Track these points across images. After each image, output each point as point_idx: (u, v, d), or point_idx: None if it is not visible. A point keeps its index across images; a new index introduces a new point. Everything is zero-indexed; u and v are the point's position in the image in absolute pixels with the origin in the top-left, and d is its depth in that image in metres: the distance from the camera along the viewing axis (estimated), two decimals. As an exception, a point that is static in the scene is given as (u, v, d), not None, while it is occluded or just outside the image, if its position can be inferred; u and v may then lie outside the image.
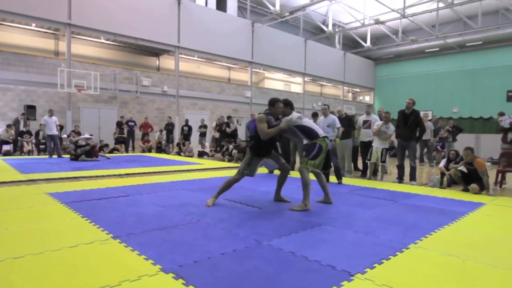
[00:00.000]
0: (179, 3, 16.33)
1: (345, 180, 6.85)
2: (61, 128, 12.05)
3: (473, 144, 13.19)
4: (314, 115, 7.90)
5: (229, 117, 13.39)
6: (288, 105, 4.38)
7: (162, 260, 2.49)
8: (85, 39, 15.89)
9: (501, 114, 8.12)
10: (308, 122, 4.40)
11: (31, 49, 14.42)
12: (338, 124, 6.78)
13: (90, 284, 2.13)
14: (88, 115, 14.49)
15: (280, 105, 4.27)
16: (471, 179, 5.82)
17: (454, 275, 2.37)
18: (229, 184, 4.50)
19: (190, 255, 2.62)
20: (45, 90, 13.30)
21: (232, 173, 7.93)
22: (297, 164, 8.82)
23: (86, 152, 9.95)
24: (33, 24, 14.18)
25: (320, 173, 4.51)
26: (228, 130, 12.60)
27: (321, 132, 4.32)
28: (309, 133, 4.29)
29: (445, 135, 11.02)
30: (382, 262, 2.55)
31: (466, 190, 5.90)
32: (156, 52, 18.34)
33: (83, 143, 10.16)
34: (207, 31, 17.40)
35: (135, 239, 2.96)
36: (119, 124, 13.72)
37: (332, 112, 7.29)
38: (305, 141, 4.43)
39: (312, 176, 4.41)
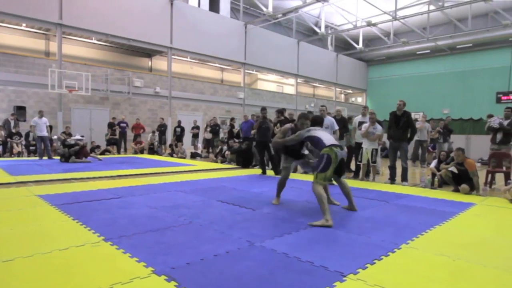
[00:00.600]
0: (171, 4, 16.29)
1: (338, 181, 6.87)
2: (50, 128, 11.90)
3: (464, 145, 13.33)
4: (309, 113, 7.97)
5: (232, 119, 13.48)
6: (315, 122, 4.48)
7: (154, 262, 2.48)
8: (76, 40, 15.74)
9: (490, 116, 8.21)
10: (316, 132, 4.21)
11: (21, 49, 14.24)
12: (336, 126, 6.76)
13: (82, 287, 2.10)
14: (79, 116, 14.34)
15: (304, 122, 4.40)
16: (462, 179, 5.89)
17: (445, 275, 2.39)
18: (282, 183, 4.75)
19: (183, 257, 2.61)
20: (35, 90, 13.14)
21: (225, 174, 7.95)
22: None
23: (76, 153, 9.82)
24: (23, 24, 14.01)
25: (341, 180, 4.36)
26: (234, 130, 12.67)
27: (327, 140, 4.05)
28: (317, 143, 4.08)
29: (436, 136, 11.13)
30: (374, 263, 2.57)
31: (456, 190, 5.97)
32: (149, 53, 18.25)
33: (72, 142, 10.04)
34: (200, 32, 17.38)
35: (127, 241, 2.94)
36: (111, 125, 13.61)
37: (329, 113, 7.29)
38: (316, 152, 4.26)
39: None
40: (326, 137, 4.12)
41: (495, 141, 7.20)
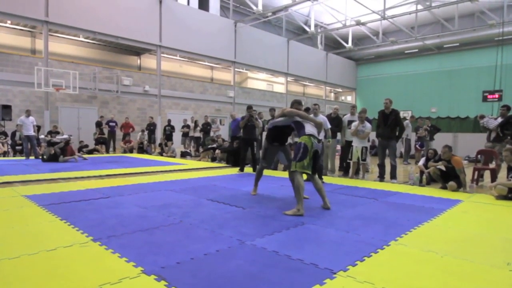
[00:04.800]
0: (160, 2, 16.14)
1: (328, 179, 6.92)
2: (38, 128, 11.70)
3: (451, 143, 13.53)
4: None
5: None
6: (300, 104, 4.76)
7: (143, 262, 2.45)
8: (63, 37, 15.49)
9: (482, 117, 8.33)
10: (304, 121, 4.42)
11: (6, 47, 13.96)
12: (329, 125, 6.81)
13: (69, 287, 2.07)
14: (67, 115, 14.13)
15: (298, 107, 4.64)
16: (449, 177, 5.98)
17: (433, 271, 2.42)
18: (259, 173, 5.22)
19: (173, 256, 2.59)
20: (21, 89, 12.90)
21: (216, 173, 7.93)
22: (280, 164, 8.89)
23: (61, 149, 9.68)
24: (8, 21, 13.73)
25: (314, 176, 4.32)
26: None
27: (308, 130, 4.23)
28: (300, 129, 4.31)
29: (423, 134, 11.29)
30: (364, 259, 2.59)
31: (444, 187, 6.06)
32: (137, 51, 18.07)
33: (57, 140, 9.91)
34: (189, 30, 17.27)
35: (116, 241, 2.91)
36: (99, 124, 13.44)
37: (321, 112, 7.31)
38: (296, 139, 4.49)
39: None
40: (309, 127, 4.31)
41: (489, 139, 7.40)
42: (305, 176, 4.37)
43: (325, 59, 25.70)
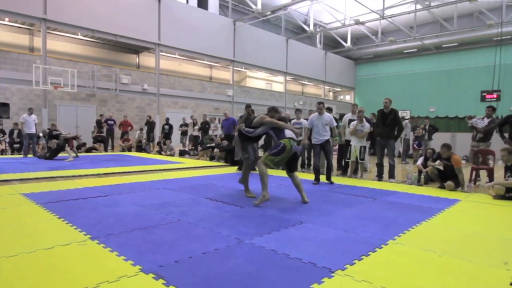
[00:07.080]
0: (159, 0, 16.10)
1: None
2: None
3: (449, 143, 13.56)
4: (298, 111, 8.51)
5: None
6: (283, 119, 4.96)
7: (142, 261, 2.45)
8: (61, 35, 15.43)
9: (470, 117, 8.67)
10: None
11: (4, 44, 13.90)
12: (335, 123, 6.78)
13: (67, 286, 2.07)
14: (65, 113, 14.09)
15: (275, 115, 4.82)
16: (447, 176, 5.99)
17: (430, 269, 2.43)
18: (246, 173, 5.14)
19: (171, 255, 2.59)
20: (19, 87, 12.86)
21: (214, 171, 7.93)
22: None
23: (65, 140, 9.85)
24: (6, 19, 13.67)
25: (292, 173, 4.66)
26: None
27: (288, 133, 4.55)
28: (279, 133, 4.58)
29: (420, 133, 11.33)
30: (362, 259, 2.60)
31: (442, 187, 6.07)
32: (136, 49, 18.03)
33: (58, 132, 10.01)
34: (188, 29, 17.24)
35: (114, 240, 2.90)
36: (98, 123, 13.41)
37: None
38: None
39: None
40: (288, 131, 4.62)
41: (474, 138, 7.54)
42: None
43: (324, 58, 25.70)
